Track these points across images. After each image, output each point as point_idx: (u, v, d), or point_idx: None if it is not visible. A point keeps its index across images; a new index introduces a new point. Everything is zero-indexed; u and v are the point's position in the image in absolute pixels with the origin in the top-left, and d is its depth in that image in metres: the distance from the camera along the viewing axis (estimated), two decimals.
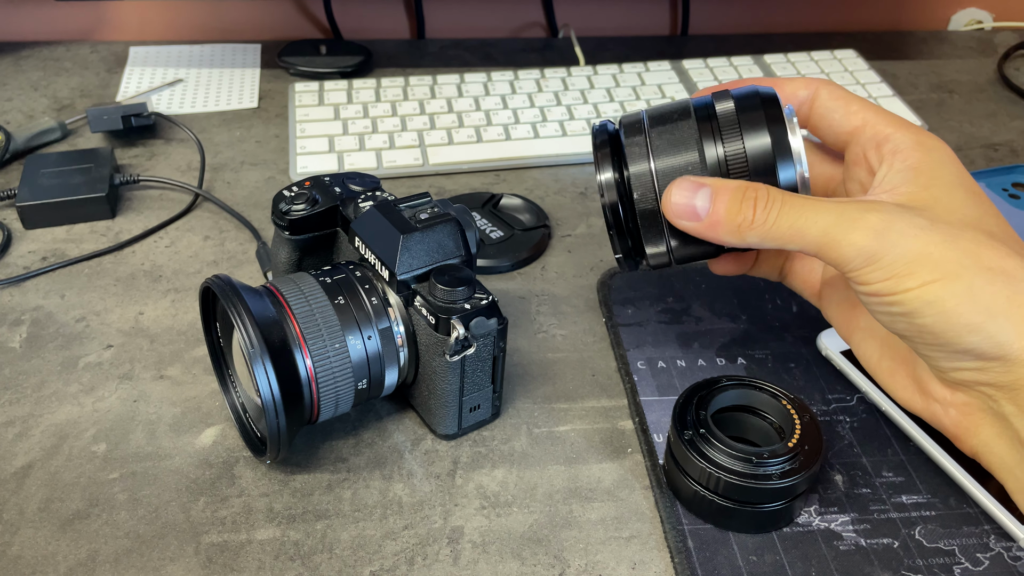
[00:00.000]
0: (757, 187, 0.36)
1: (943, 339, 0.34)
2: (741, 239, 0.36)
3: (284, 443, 0.39)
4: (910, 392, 0.39)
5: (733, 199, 0.35)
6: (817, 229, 0.34)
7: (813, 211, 0.34)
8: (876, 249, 0.33)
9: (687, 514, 0.41)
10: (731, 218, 0.35)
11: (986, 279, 0.32)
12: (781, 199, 0.35)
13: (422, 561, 0.39)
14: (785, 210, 0.34)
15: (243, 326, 0.38)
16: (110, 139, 0.69)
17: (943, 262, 0.32)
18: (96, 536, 0.40)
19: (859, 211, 0.34)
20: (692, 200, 0.36)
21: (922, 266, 0.33)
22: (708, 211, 0.36)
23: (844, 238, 0.33)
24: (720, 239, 0.37)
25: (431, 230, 0.42)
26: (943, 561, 0.39)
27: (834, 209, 0.34)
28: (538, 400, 0.47)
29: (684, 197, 0.36)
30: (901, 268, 0.33)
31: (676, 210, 0.37)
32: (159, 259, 0.57)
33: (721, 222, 0.35)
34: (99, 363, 0.49)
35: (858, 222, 0.33)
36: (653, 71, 0.77)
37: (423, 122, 0.69)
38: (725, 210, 0.35)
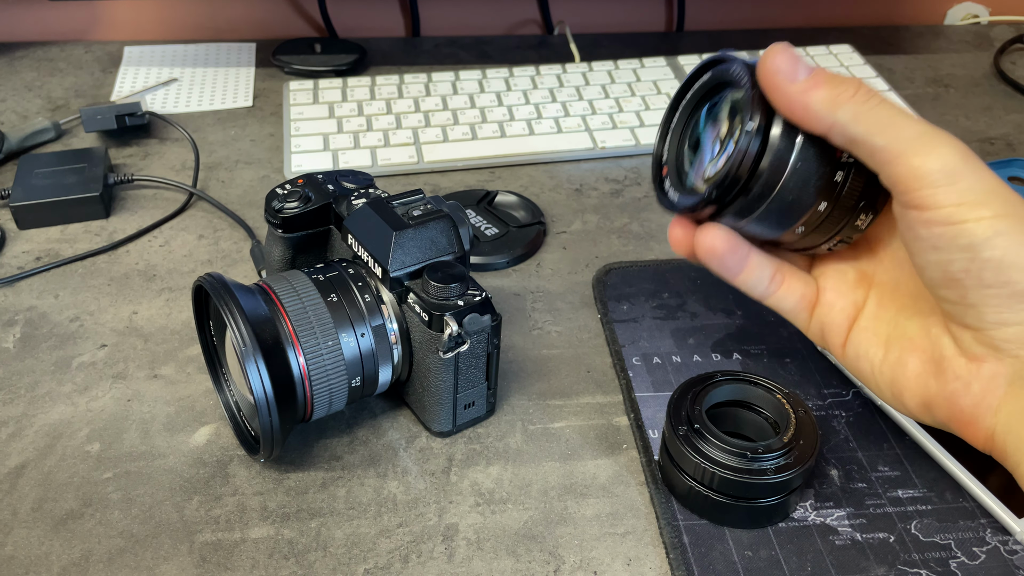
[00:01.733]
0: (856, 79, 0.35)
1: (1004, 276, 0.33)
2: (833, 111, 0.34)
3: (278, 441, 0.39)
4: (923, 379, 0.38)
5: (834, 76, 0.34)
6: (913, 130, 0.33)
7: (909, 117, 0.34)
8: (961, 169, 0.32)
9: (682, 510, 0.41)
10: (831, 86, 0.34)
11: None
12: (881, 96, 0.34)
13: (416, 559, 0.39)
14: (886, 105, 0.34)
15: (235, 324, 0.38)
16: (104, 139, 0.68)
17: (1013, 200, 0.33)
18: (90, 536, 0.40)
19: (949, 135, 0.33)
20: (795, 63, 0.34)
21: (997, 198, 0.32)
22: (810, 73, 0.34)
23: (933, 149, 0.33)
24: (810, 107, 0.34)
25: (424, 227, 0.42)
26: (939, 555, 0.39)
27: (926, 123, 0.34)
28: (533, 397, 0.47)
29: (788, 56, 0.34)
30: (979, 195, 0.32)
31: (776, 63, 0.34)
32: (153, 258, 0.57)
33: (820, 85, 0.34)
34: (93, 363, 0.49)
35: (949, 140, 0.33)
36: (648, 67, 0.76)
37: (418, 120, 0.69)
38: (825, 78, 0.34)
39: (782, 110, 0.35)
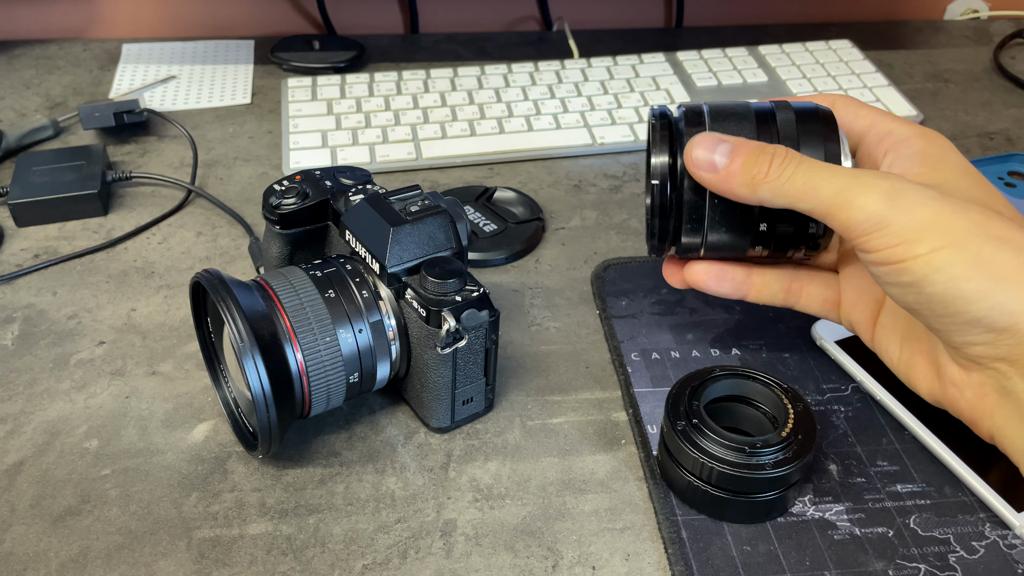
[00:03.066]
0: (776, 147, 0.36)
1: (952, 308, 0.33)
2: (754, 192, 0.36)
3: (275, 437, 0.39)
4: (930, 380, 0.39)
5: (751, 154, 0.36)
6: (831, 190, 0.34)
7: (828, 173, 0.35)
8: (886, 214, 0.33)
9: (681, 505, 0.41)
10: (746, 170, 0.36)
11: (995, 247, 0.32)
12: (798, 160, 0.36)
13: (415, 554, 0.39)
14: (801, 169, 0.35)
15: (233, 320, 0.38)
16: (102, 136, 0.68)
17: (952, 230, 0.33)
18: (88, 532, 0.40)
19: (873, 177, 0.34)
20: (712, 154, 0.37)
21: (931, 233, 0.33)
22: (725, 164, 0.36)
23: (855, 201, 0.34)
24: (734, 192, 0.37)
25: (421, 222, 0.42)
26: (938, 550, 0.39)
27: (848, 174, 0.35)
28: (531, 392, 0.47)
29: (705, 150, 0.37)
30: (910, 234, 0.33)
31: (696, 161, 0.37)
32: (151, 256, 0.57)
33: (736, 174, 0.36)
34: (91, 360, 0.49)
35: (870, 187, 0.34)
36: (647, 63, 0.76)
37: (416, 116, 0.69)
38: (741, 163, 0.36)
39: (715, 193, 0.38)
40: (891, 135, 0.39)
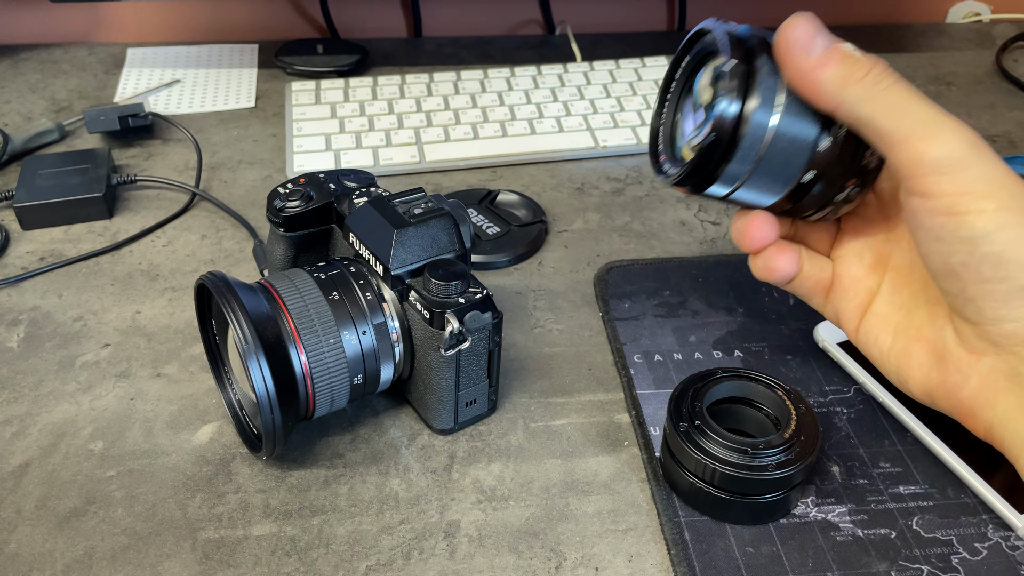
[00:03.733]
0: (878, 59, 0.34)
1: (1004, 272, 0.32)
2: (841, 91, 0.33)
3: (279, 439, 0.39)
4: (926, 369, 0.38)
5: (850, 54, 0.33)
6: (920, 115, 0.32)
7: (919, 100, 0.33)
8: (967, 157, 0.32)
9: (683, 506, 0.41)
10: (843, 65, 0.33)
11: None
12: (896, 77, 0.33)
13: (418, 555, 0.39)
14: (897, 87, 0.33)
15: (237, 322, 0.38)
16: (107, 140, 0.69)
17: (1019, 195, 0.32)
18: (93, 533, 0.40)
19: (959, 122, 0.33)
20: (813, 36, 0.33)
21: (1003, 191, 0.32)
22: (822, 51, 0.33)
23: (940, 135, 0.32)
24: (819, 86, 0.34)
25: (425, 225, 0.42)
26: (941, 551, 0.39)
27: (939, 109, 0.33)
28: (535, 394, 0.47)
29: (807, 29, 0.34)
30: (983, 187, 0.32)
31: (794, 35, 0.34)
32: (156, 258, 0.57)
33: (830, 63, 0.33)
34: (96, 362, 0.49)
35: (958, 128, 0.32)
36: (650, 67, 0.76)
37: (420, 119, 0.69)
38: (841, 56, 0.33)
39: (793, 82, 0.34)
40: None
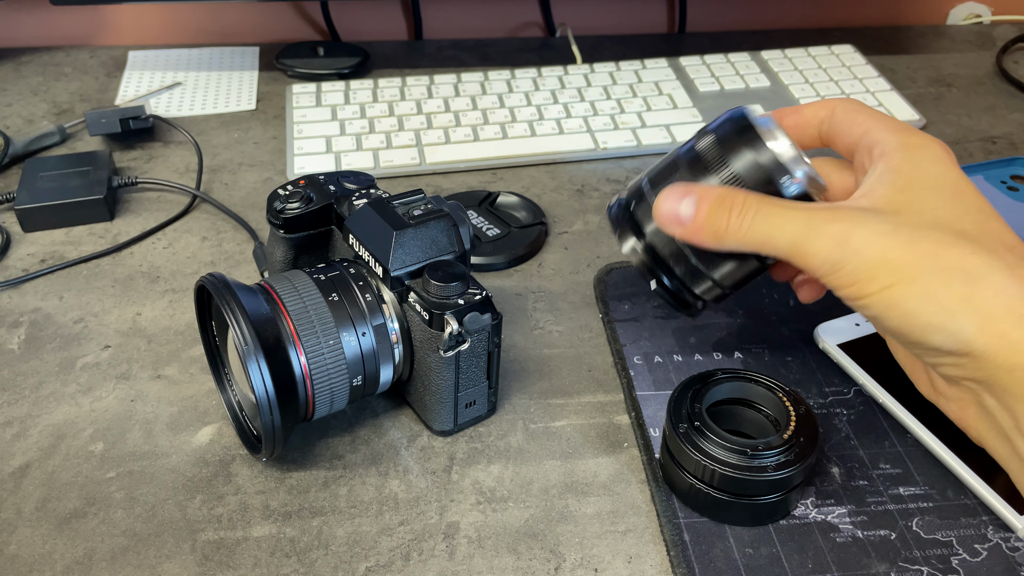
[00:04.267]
0: (736, 194, 0.37)
1: (911, 339, 0.35)
2: (720, 244, 0.37)
3: (279, 440, 0.39)
4: (927, 387, 0.41)
5: (713, 206, 0.37)
6: (786, 238, 0.35)
7: (783, 220, 0.36)
8: (839, 258, 0.34)
9: (683, 507, 0.41)
10: (710, 224, 0.37)
11: (943, 279, 0.33)
12: (756, 207, 0.36)
13: (418, 556, 0.39)
14: (759, 218, 0.36)
15: (237, 323, 0.38)
16: (109, 142, 0.69)
17: (901, 266, 0.33)
18: (93, 535, 0.40)
19: (824, 220, 0.35)
20: (677, 207, 0.37)
21: (881, 271, 0.34)
22: (691, 216, 0.37)
23: (810, 248, 0.35)
24: (704, 244, 0.38)
25: (424, 226, 0.42)
26: (941, 552, 0.39)
27: (801, 218, 0.35)
28: (534, 396, 0.47)
29: (670, 204, 0.38)
30: (862, 274, 0.34)
31: (663, 217, 0.38)
32: (157, 260, 0.57)
33: (702, 227, 0.37)
34: (97, 363, 0.49)
35: (821, 232, 0.35)
36: (650, 68, 0.77)
37: (420, 122, 0.69)
38: (704, 216, 0.37)
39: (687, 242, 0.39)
40: (878, 146, 0.38)
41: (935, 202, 0.35)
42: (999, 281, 0.33)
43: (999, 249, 0.34)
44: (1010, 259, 0.33)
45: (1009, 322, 0.32)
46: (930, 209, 0.35)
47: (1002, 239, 0.34)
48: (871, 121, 0.40)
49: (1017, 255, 0.34)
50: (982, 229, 0.34)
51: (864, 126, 0.40)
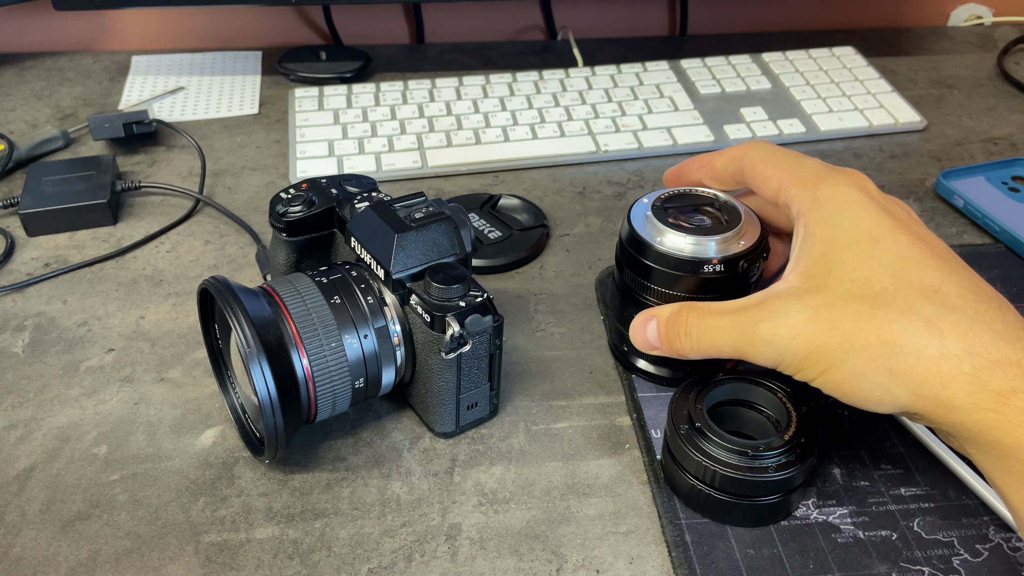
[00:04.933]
0: (679, 315, 0.39)
1: (865, 408, 0.36)
2: (685, 357, 0.39)
3: (282, 442, 0.40)
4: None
5: (667, 329, 0.39)
6: (728, 347, 0.37)
7: (721, 332, 0.38)
8: (773, 356, 0.36)
9: (684, 508, 0.41)
10: (670, 346, 0.39)
11: (867, 357, 0.34)
12: (697, 325, 0.38)
13: (420, 558, 0.39)
14: (701, 335, 0.38)
15: (239, 326, 0.38)
16: (112, 147, 0.69)
17: (827, 351, 0.35)
18: (97, 537, 0.40)
19: (752, 323, 0.36)
20: (645, 335, 0.40)
21: (813, 359, 0.35)
22: (657, 340, 0.40)
23: (749, 351, 0.37)
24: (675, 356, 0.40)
25: (426, 229, 0.42)
26: (942, 552, 0.39)
27: (733, 326, 0.37)
28: (536, 398, 0.47)
29: (639, 335, 0.41)
30: (800, 364, 0.36)
31: (639, 345, 0.41)
32: (160, 264, 0.57)
33: (670, 352, 0.40)
34: (100, 367, 0.49)
35: (753, 337, 0.36)
36: (651, 71, 0.77)
37: (422, 125, 0.70)
38: (664, 340, 0.39)
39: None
40: (792, 205, 0.39)
41: (852, 262, 0.35)
42: (918, 346, 0.33)
43: (917, 303, 0.34)
44: (929, 311, 0.33)
45: (935, 385, 0.33)
46: (848, 273, 0.35)
47: (922, 285, 0.34)
48: (780, 174, 0.40)
49: (938, 301, 0.33)
50: (900, 282, 0.34)
51: (775, 181, 0.40)
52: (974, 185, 0.63)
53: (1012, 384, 0.31)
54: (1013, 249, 0.57)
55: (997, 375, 0.32)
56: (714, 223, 0.44)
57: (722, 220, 0.43)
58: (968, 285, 0.34)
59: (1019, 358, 0.32)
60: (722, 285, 0.42)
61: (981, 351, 0.32)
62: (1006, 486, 0.33)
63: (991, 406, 0.32)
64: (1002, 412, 0.31)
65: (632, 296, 0.45)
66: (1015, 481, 0.32)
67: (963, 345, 0.32)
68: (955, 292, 0.34)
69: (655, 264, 0.43)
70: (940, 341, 0.33)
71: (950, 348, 0.32)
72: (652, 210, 0.44)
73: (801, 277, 0.37)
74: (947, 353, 0.33)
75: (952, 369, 0.32)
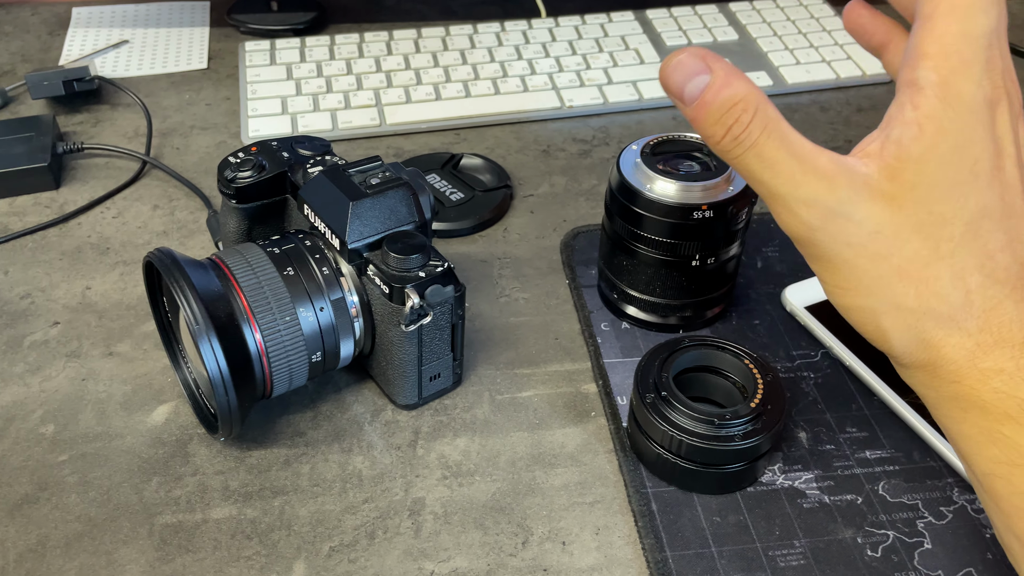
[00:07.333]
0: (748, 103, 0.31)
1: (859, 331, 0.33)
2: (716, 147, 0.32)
3: (236, 420, 0.38)
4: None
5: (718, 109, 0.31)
6: (770, 189, 0.32)
7: (774, 166, 0.31)
8: (808, 239, 0.32)
9: (651, 477, 0.41)
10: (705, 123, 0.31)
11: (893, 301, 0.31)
12: (761, 131, 0.31)
13: (383, 535, 0.38)
14: (750, 154, 0.31)
15: (187, 301, 0.37)
16: (52, 106, 0.66)
17: (862, 276, 0.31)
18: (46, 521, 0.39)
19: (810, 191, 0.31)
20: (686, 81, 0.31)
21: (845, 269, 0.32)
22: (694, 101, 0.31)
23: (784, 214, 0.32)
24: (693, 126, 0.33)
25: (382, 196, 0.41)
26: (907, 516, 0.39)
27: (790, 176, 0.31)
28: (500, 366, 0.46)
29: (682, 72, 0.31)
30: (824, 263, 0.32)
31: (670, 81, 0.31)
32: (106, 231, 0.55)
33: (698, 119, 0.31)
34: (45, 341, 0.47)
35: (800, 206, 0.31)
36: (616, 22, 0.74)
37: (379, 80, 0.67)
38: (707, 113, 0.31)
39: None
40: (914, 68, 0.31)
41: (940, 190, 0.31)
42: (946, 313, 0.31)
43: (968, 269, 0.31)
44: (974, 281, 0.31)
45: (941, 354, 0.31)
46: (931, 201, 0.31)
47: (984, 249, 0.31)
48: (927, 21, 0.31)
49: (987, 271, 0.31)
50: (967, 236, 0.31)
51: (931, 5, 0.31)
52: None
53: (1002, 365, 0.30)
54: None
55: (995, 355, 0.30)
56: (703, 169, 0.44)
57: (711, 165, 0.44)
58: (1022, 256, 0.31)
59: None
60: (711, 231, 0.43)
61: (994, 331, 0.31)
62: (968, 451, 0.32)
63: (972, 382, 0.30)
64: (980, 391, 0.30)
65: (622, 243, 0.45)
66: (976, 448, 0.31)
67: (981, 323, 0.31)
68: (1007, 263, 0.31)
69: (645, 211, 0.43)
70: (967, 316, 0.31)
71: (970, 326, 0.31)
72: (641, 157, 0.44)
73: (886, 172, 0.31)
74: (966, 330, 0.31)
75: (959, 344, 0.31)
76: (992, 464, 0.31)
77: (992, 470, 0.31)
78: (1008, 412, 0.30)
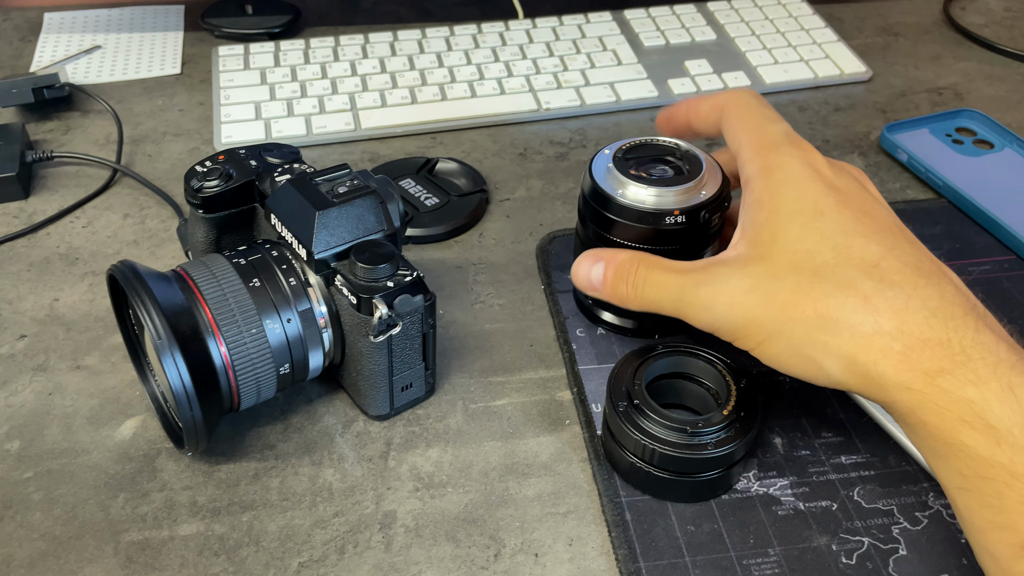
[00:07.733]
0: (631, 263, 0.38)
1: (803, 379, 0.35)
2: (626, 305, 0.39)
3: (202, 435, 0.38)
4: None
5: (614, 276, 0.39)
6: (668, 306, 0.37)
7: (663, 289, 0.37)
8: (711, 321, 0.36)
9: (625, 486, 0.40)
10: (614, 291, 0.39)
11: (803, 331, 0.34)
12: (644, 277, 0.38)
13: (353, 549, 0.38)
14: (646, 288, 0.38)
15: (149, 316, 0.36)
16: (21, 113, 0.65)
17: (764, 322, 0.35)
18: (9, 540, 0.38)
19: (693, 286, 0.36)
20: (589, 274, 0.40)
21: (750, 329, 0.35)
22: (600, 283, 0.39)
23: (688, 314, 0.37)
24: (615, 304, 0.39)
25: (349, 204, 0.40)
26: (882, 522, 0.39)
27: (677, 285, 0.37)
28: (474, 374, 0.46)
29: (583, 271, 0.40)
30: (737, 332, 0.35)
31: (579, 282, 0.40)
32: (76, 241, 0.54)
33: (609, 295, 0.39)
34: (11, 355, 0.46)
35: (692, 301, 0.36)
36: (594, 23, 0.74)
37: (354, 84, 0.66)
38: (610, 286, 0.39)
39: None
40: (744, 170, 0.39)
41: (796, 233, 0.35)
42: (852, 322, 0.33)
43: (856, 279, 0.33)
44: (867, 287, 0.33)
45: (868, 362, 0.32)
46: (791, 243, 0.35)
47: (863, 260, 0.34)
48: (743, 135, 0.40)
49: (876, 277, 0.33)
50: (841, 255, 0.34)
51: (738, 140, 0.40)
52: (918, 138, 0.62)
53: (940, 364, 0.31)
54: (955, 204, 0.57)
55: (927, 354, 0.31)
56: (675, 173, 0.43)
57: (683, 170, 0.43)
58: (909, 260, 0.33)
59: (950, 337, 0.31)
60: (684, 236, 0.42)
61: (913, 329, 0.32)
62: (936, 466, 0.32)
63: (919, 386, 0.31)
64: (928, 393, 0.31)
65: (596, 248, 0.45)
66: (942, 462, 0.32)
67: (896, 323, 0.32)
68: (895, 267, 0.33)
69: (617, 217, 0.43)
70: (874, 318, 0.32)
71: (883, 326, 0.32)
72: (614, 162, 0.43)
73: (747, 244, 0.37)
74: (880, 330, 0.32)
75: (884, 347, 0.32)
76: (960, 478, 0.31)
77: (960, 484, 0.31)
78: (962, 417, 0.30)
